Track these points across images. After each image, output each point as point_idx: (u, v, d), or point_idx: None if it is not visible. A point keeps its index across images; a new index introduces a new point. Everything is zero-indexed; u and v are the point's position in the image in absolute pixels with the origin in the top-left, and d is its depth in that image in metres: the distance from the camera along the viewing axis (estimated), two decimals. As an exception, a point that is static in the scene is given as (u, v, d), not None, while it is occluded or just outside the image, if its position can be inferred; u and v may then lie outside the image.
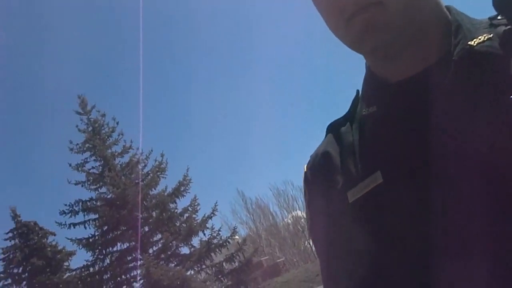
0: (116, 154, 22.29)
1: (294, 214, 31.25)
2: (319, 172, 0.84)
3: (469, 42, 0.70)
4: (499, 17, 0.73)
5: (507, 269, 0.61)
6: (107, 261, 21.38)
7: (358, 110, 0.83)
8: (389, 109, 0.75)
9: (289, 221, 31.38)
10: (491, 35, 0.71)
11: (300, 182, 0.88)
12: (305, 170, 0.89)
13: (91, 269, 21.28)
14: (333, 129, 0.86)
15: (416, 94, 0.72)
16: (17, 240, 22.02)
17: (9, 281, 21.66)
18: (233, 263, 21.20)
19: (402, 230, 0.68)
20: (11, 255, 21.85)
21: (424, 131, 0.69)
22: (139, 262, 21.07)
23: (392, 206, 0.70)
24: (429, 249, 0.66)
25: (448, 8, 0.79)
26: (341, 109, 0.88)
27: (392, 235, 0.69)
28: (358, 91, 0.85)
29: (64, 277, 21.57)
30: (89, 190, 21.66)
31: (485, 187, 0.63)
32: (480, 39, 0.71)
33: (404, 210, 0.68)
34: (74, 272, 21.71)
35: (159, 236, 21.49)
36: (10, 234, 22.07)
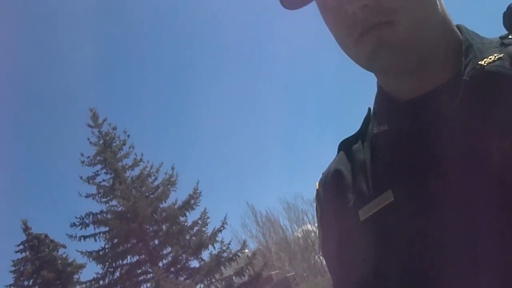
0: (127, 167, 22.37)
1: (304, 228, 31.05)
2: (331, 189, 0.85)
3: (480, 62, 0.71)
4: (510, 37, 0.74)
5: None
6: (117, 274, 21.36)
7: (370, 128, 0.83)
8: (400, 127, 0.75)
9: (299, 235, 31.17)
10: (502, 54, 0.71)
11: (310, 195, 0.89)
12: (317, 187, 0.89)
13: (101, 282, 21.26)
14: (345, 146, 0.87)
15: (427, 113, 0.72)
16: (28, 253, 22.09)
17: (20, 293, 21.70)
18: (242, 277, 21.07)
19: (411, 249, 0.69)
20: (22, 267, 21.91)
21: (435, 151, 0.70)
22: (149, 276, 21.04)
23: (402, 225, 0.70)
24: (440, 268, 0.66)
25: (458, 27, 0.79)
26: (352, 123, 0.88)
27: (403, 254, 0.69)
28: (369, 108, 0.86)
29: (74, 289, 21.59)
30: (100, 203, 21.74)
31: (497, 208, 0.63)
32: (490, 58, 0.71)
33: (414, 230, 0.69)
34: (84, 285, 21.72)
35: (169, 249, 21.45)
36: (21, 247, 22.16)
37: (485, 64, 0.70)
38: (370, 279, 0.73)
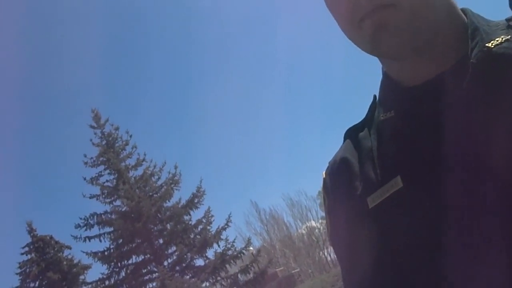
0: (130, 167, 22.44)
1: (308, 224, 31.09)
2: (338, 178, 0.84)
3: (487, 44, 0.69)
4: None
5: None
6: (123, 273, 21.45)
7: (376, 115, 0.82)
8: (407, 113, 0.75)
9: (303, 231, 31.21)
10: (509, 36, 0.70)
11: (313, 192, 0.89)
12: (324, 176, 0.88)
13: (107, 282, 21.35)
14: (351, 134, 0.86)
15: (434, 98, 0.71)
16: (33, 254, 22.17)
17: (26, 295, 21.78)
18: (248, 275, 21.12)
19: (421, 235, 0.68)
20: (28, 269, 21.99)
21: (443, 135, 0.69)
22: (154, 275, 21.09)
23: (412, 210, 0.69)
24: (447, 253, 0.65)
25: (463, 10, 0.78)
26: (355, 118, 0.88)
27: (412, 239, 0.69)
28: (375, 96, 0.85)
29: (80, 290, 21.65)
30: (104, 203, 21.84)
31: (503, 191, 0.63)
32: (497, 40, 0.70)
33: (424, 215, 0.68)
34: (90, 286, 21.84)
35: (174, 248, 21.52)
36: (27, 249, 22.25)
37: (492, 46, 0.69)
38: (380, 266, 0.73)
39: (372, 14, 0.69)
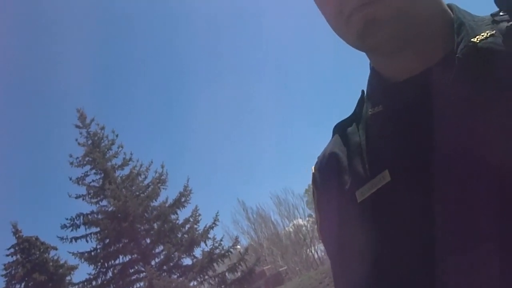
0: (116, 166, 22.32)
1: (295, 222, 31.17)
2: (327, 173, 0.85)
3: (472, 39, 0.70)
4: (501, 13, 0.74)
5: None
6: (110, 274, 21.33)
7: (364, 110, 0.83)
8: (395, 108, 0.75)
9: (291, 229, 31.28)
10: (494, 31, 0.71)
11: (300, 190, 0.89)
12: (313, 171, 0.89)
13: (94, 283, 21.21)
14: (340, 129, 0.86)
15: (421, 93, 0.72)
16: (18, 256, 21.95)
17: (12, 297, 21.57)
18: (235, 273, 21.13)
19: (410, 228, 0.69)
20: (13, 271, 21.77)
21: (430, 130, 0.70)
22: (142, 275, 21.01)
23: (400, 204, 0.70)
24: (435, 247, 0.66)
25: (449, 6, 0.79)
26: (343, 116, 0.88)
27: (400, 233, 0.69)
28: (363, 91, 0.85)
29: (67, 291, 21.50)
30: (90, 203, 21.69)
31: (490, 185, 0.63)
32: (483, 35, 0.71)
33: (412, 208, 0.69)
34: (76, 286, 21.67)
35: (161, 247, 21.45)
36: (12, 250, 22.03)
37: (477, 41, 0.70)
38: (370, 261, 0.73)
39: (360, 9, 0.70)
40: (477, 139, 0.66)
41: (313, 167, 0.89)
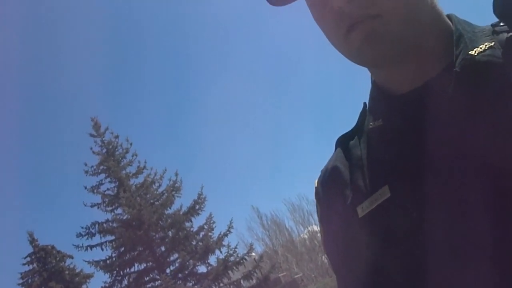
0: (131, 174, 22.40)
1: (310, 229, 31.01)
2: (329, 187, 0.85)
3: (470, 52, 0.70)
4: (501, 24, 0.73)
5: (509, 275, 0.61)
6: (125, 282, 21.36)
7: (366, 123, 0.83)
8: (395, 122, 0.75)
9: (305, 236, 31.15)
10: (493, 43, 0.70)
11: (314, 196, 0.89)
12: (316, 185, 0.89)
13: (110, 291, 21.28)
14: (342, 143, 0.86)
15: (420, 106, 0.72)
16: (35, 265, 22.12)
17: (29, 305, 21.73)
18: (250, 281, 21.05)
19: (409, 244, 0.69)
20: (30, 280, 21.94)
21: (429, 144, 0.69)
22: (157, 283, 21.04)
23: (400, 220, 0.70)
24: (434, 261, 0.66)
25: (449, 17, 0.79)
26: (353, 122, 0.88)
27: (400, 249, 0.70)
28: (365, 103, 0.85)
29: (83, 299, 21.62)
30: (105, 212, 21.75)
31: (490, 198, 0.63)
32: (481, 48, 0.70)
33: (411, 224, 0.69)
34: (92, 295, 21.74)
35: (176, 255, 21.45)
36: (28, 259, 22.20)
37: (475, 54, 0.70)
38: (371, 275, 0.73)
39: (358, 25, 0.70)
40: (474, 152, 0.65)
41: (316, 181, 0.89)
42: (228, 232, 21.53)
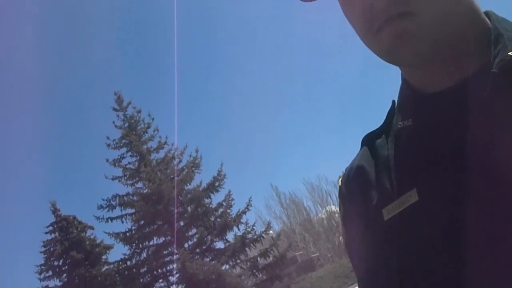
0: (152, 149, 22.64)
1: (328, 209, 31.05)
2: (354, 187, 0.83)
3: (510, 53, 0.66)
4: None
5: None
6: (144, 255, 21.78)
7: (394, 122, 0.80)
8: (425, 122, 0.72)
9: (323, 216, 31.20)
10: None
11: (334, 177, 0.88)
12: (340, 184, 0.87)
13: (128, 263, 21.72)
14: (368, 141, 0.84)
15: (453, 107, 0.69)
16: (57, 234, 22.65)
17: (50, 273, 22.33)
18: (267, 258, 21.25)
19: (436, 249, 0.66)
20: (52, 248, 22.50)
21: (461, 146, 0.66)
22: (174, 257, 21.38)
23: (427, 225, 0.68)
24: (461, 268, 0.63)
25: (487, 14, 0.75)
26: (374, 109, 0.85)
27: (426, 254, 0.67)
28: (394, 101, 0.82)
29: (102, 270, 22.12)
30: (126, 185, 22.09)
31: None
32: None
33: (440, 230, 0.66)
34: (112, 266, 22.24)
35: (194, 231, 21.73)
36: (50, 228, 22.75)
37: None
38: (394, 279, 0.71)
39: (389, 23, 0.67)
40: (509, 157, 0.62)
41: (339, 180, 0.87)
42: (246, 210, 21.72)
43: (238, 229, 21.55)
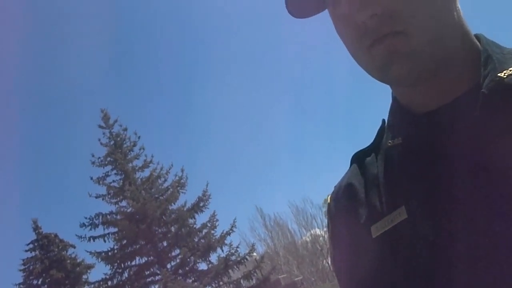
0: (137, 168, 22.46)
1: (312, 232, 30.97)
2: (343, 204, 0.83)
3: (499, 74, 0.67)
4: None
5: None
6: (126, 275, 21.43)
7: (384, 140, 0.81)
8: (415, 141, 0.73)
9: (308, 239, 31.09)
10: None
11: (319, 200, 0.88)
12: (329, 201, 0.87)
13: (110, 283, 21.33)
14: (358, 159, 0.84)
15: (443, 127, 0.70)
16: (37, 252, 22.23)
17: (29, 292, 21.84)
18: (250, 281, 21.03)
19: (425, 267, 0.66)
20: (31, 266, 22.05)
21: (450, 165, 0.67)
22: (157, 277, 21.09)
23: (416, 242, 0.68)
24: (451, 286, 0.63)
25: (477, 37, 0.77)
26: (361, 128, 0.86)
27: (415, 271, 0.67)
28: (384, 120, 0.83)
29: (83, 289, 21.70)
30: (110, 204, 21.82)
31: None
32: (510, 70, 0.68)
33: (428, 247, 0.66)
34: (92, 285, 21.80)
35: (178, 251, 21.49)
36: (31, 246, 22.31)
37: (504, 77, 0.67)
38: None
39: (381, 41, 0.67)
40: (499, 177, 0.63)
41: (329, 197, 0.87)
42: (230, 231, 21.56)
43: (222, 250, 21.38)
